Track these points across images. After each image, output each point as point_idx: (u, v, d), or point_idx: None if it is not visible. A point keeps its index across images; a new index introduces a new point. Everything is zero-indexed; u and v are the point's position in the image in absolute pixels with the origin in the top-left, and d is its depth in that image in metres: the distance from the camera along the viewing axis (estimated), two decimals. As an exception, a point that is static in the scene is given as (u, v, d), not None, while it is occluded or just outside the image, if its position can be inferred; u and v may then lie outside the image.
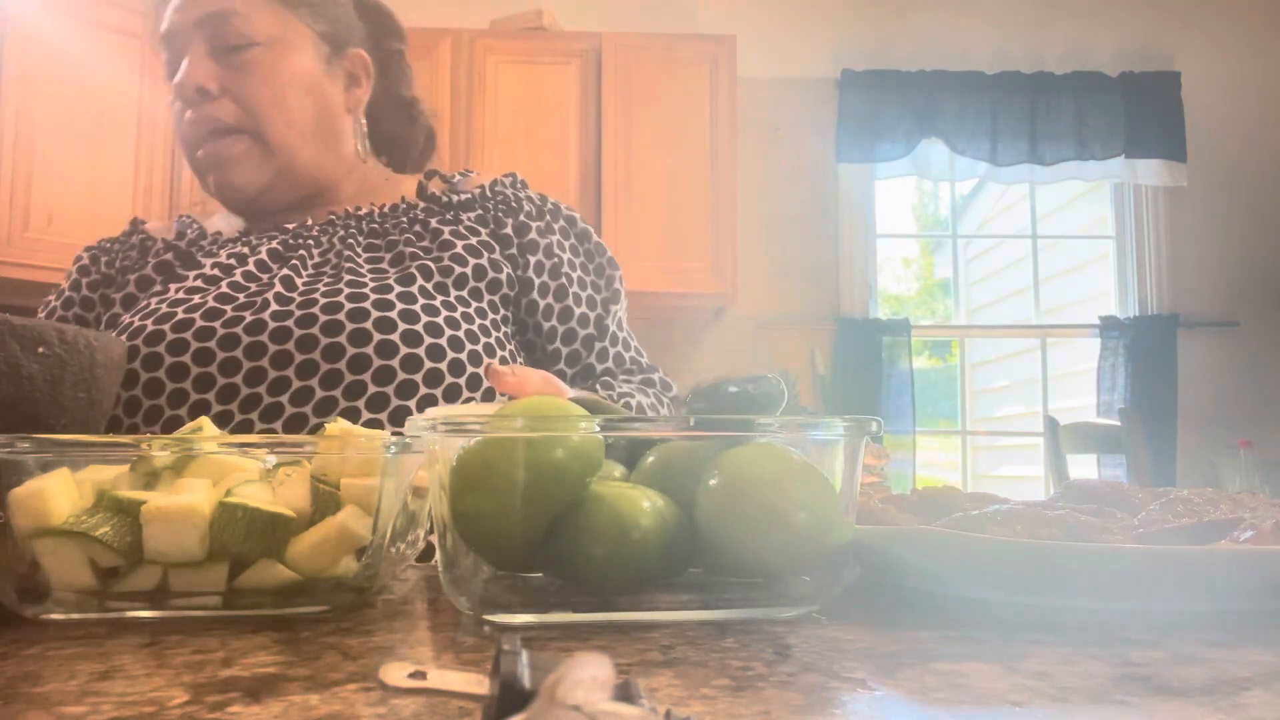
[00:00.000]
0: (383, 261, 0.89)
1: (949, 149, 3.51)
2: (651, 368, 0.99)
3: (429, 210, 0.95)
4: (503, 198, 0.97)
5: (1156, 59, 3.56)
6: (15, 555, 0.41)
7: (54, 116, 2.87)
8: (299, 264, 0.89)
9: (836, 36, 3.58)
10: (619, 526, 0.40)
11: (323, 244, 0.91)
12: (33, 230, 2.84)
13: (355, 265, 0.88)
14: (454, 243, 0.90)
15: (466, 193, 0.97)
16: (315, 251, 0.91)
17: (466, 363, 0.83)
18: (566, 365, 0.94)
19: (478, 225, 0.94)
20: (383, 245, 0.91)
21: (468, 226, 0.93)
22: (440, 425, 0.40)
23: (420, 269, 0.87)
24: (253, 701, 0.28)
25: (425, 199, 0.97)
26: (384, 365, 0.79)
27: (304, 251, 0.90)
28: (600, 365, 0.95)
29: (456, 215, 0.94)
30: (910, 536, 0.43)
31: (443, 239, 0.90)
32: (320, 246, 0.91)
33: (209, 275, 0.88)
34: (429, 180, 1.00)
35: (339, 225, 0.93)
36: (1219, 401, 3.46)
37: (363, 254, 0.90)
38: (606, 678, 0.20)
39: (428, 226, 0.92)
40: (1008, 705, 0.28)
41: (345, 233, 0.92)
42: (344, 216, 0.94)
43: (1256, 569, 0.39)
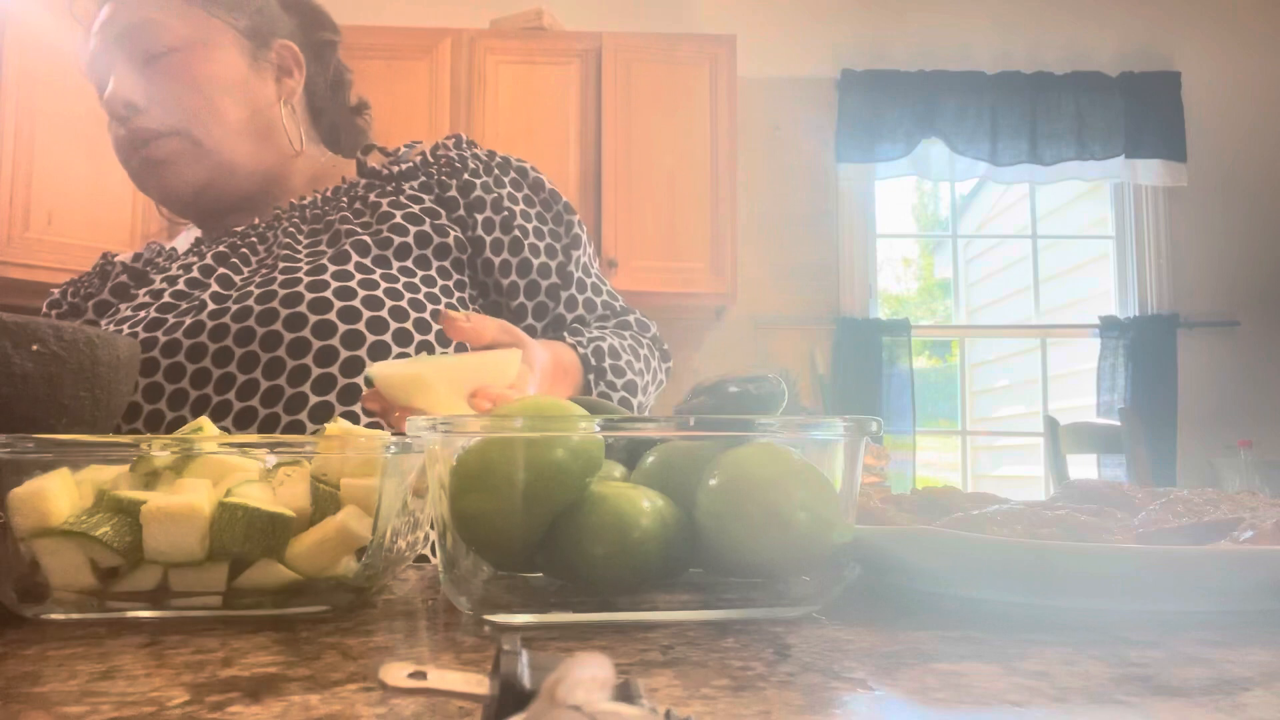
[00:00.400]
0: (320, 244, 0.88)
1: (949, 149, 3.52)
2: (627, 310, 0.98)
3: (369, 185, 0.94)
4: (445, 160, 0.95)
5: (1156, 59, 3.56)
6: (15, 555, 0.40)
7: (54, 116, 2.87)
8: (239, 262, 0.89)
9: (836, 36, 3.58)
10: (619, 526, 0.40)
11: (267, 239, 0.91)
12: (33, 230, 2.84)
13: (292, 254, 0.87)
14: (393, 214, 0.89)
15: (408, 162, 0.96)
16: (260, 248, 0.91)
17: (414, 331, 0.82)
18: (534, 319, 0.92)
19: (421, 193, 0.92)
20: (321, 229, 0.90)
21: (410, 195, 0.92)
22: (440, 425, 0.40)
23: (356, 245, 0.86)
24: (253, 701, 0.28)
25: (366, 175, 0.96)
26: (325, 346, 0.79)
27: (246, 250, 0.90)
28: (570, 314, 0.94)
29: (398, 186, 0.93)
30: (910, 536, 0.43)
31: (381, 211, 0.89)
32: (265, 242, 0.91)
33: (155, 289, 0.89)
34: (366, 154, 1.00)
35: (284, 219, 0.93)
36: (1219, 401, 3.46)
37: (303, 240, 0.89)
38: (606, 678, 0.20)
39: (367, 202, 0.91)
40: (1008, 705, 0.28)
41: (289, 224, 0.92)
42: (289, 210, 0.94)
43: (1256, 569, 0.39)
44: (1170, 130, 3.50)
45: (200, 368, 0.80)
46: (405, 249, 0.87)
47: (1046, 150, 3.50)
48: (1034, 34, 3.59)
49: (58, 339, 0.52)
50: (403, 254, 0.87)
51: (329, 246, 0.87)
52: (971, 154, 3.50)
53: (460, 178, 0.93)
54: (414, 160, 0.96)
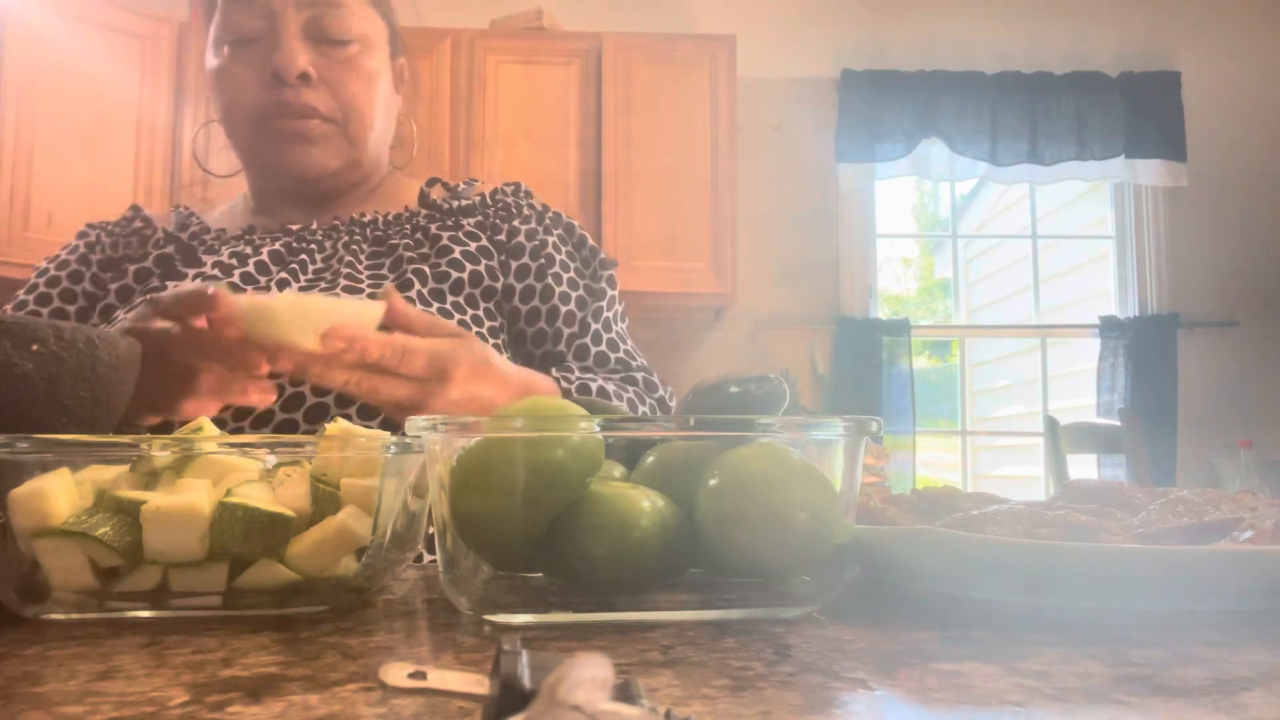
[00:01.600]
0: (383, 268, 0.90)
1: (949, 149, 3.51)
2: (642, 369, 0.98)
3: (430, 217, 0.96)
4: (503, 204, 0.98)
5: (1156, 59, 3.56)
6: (15, 555, 0.40)
7: (54, 116, 2.87)
8: (298, 268, 0.89)
9: (836, 36, 3.58)
10: (619, 526, 0.40)
11: (325, 249, 0.92)
12: (33, 230, 2.84)
13: (355, 273, 0.88)
14: (452, 248, 0.91)
15: (468, 199, 0.99)
16: (318, 257, 0.91)
17: None
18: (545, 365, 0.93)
19: (477, 231, 0.95)
20: (384, 251, 0.92)
21: (467, 232, 0.94)
22: (440, 425, 0.40)
23: (416, 274, 0.87)
24: (253, 701, 0.28)
25: (427, 205, 0.98)
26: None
27: (305, 256, 0.90)
28: (579, 363, 0.94)
29: (457, 221, 0.95)
30: (910, 536, 0.43)
31: (441, 244, 0.91)
32: (323, 252, 0.92)
33: (208, 275, 0.88)
34: (430, 187, 1.01)
35: (343, 231, 0.94)
36: (1219, 401, 3.46)
37: (365, 260, 0.91)
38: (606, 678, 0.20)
39: (428, 233, 0.93)
40: (1008, 705, 0.28)
41: (349, 239, 0.93)
42: (348, 223, 0.95)
43: (1256, 569, 0.39)
44: (1170, 130, 3.50)
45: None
46: (459, 285, 0.89)
47: (1046, 150, 3.50)
48: (1034, 34, 3.59)
49: (58, 339, 0.52)
50: (456, 289, 0.89)
51: (391, 271, 0.89)
52: (971, 154, 3.50)
53: (511, 223, 0.96)
54: (474, 199, 0.99)
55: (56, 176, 2.88)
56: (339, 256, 0.90)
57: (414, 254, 0.91)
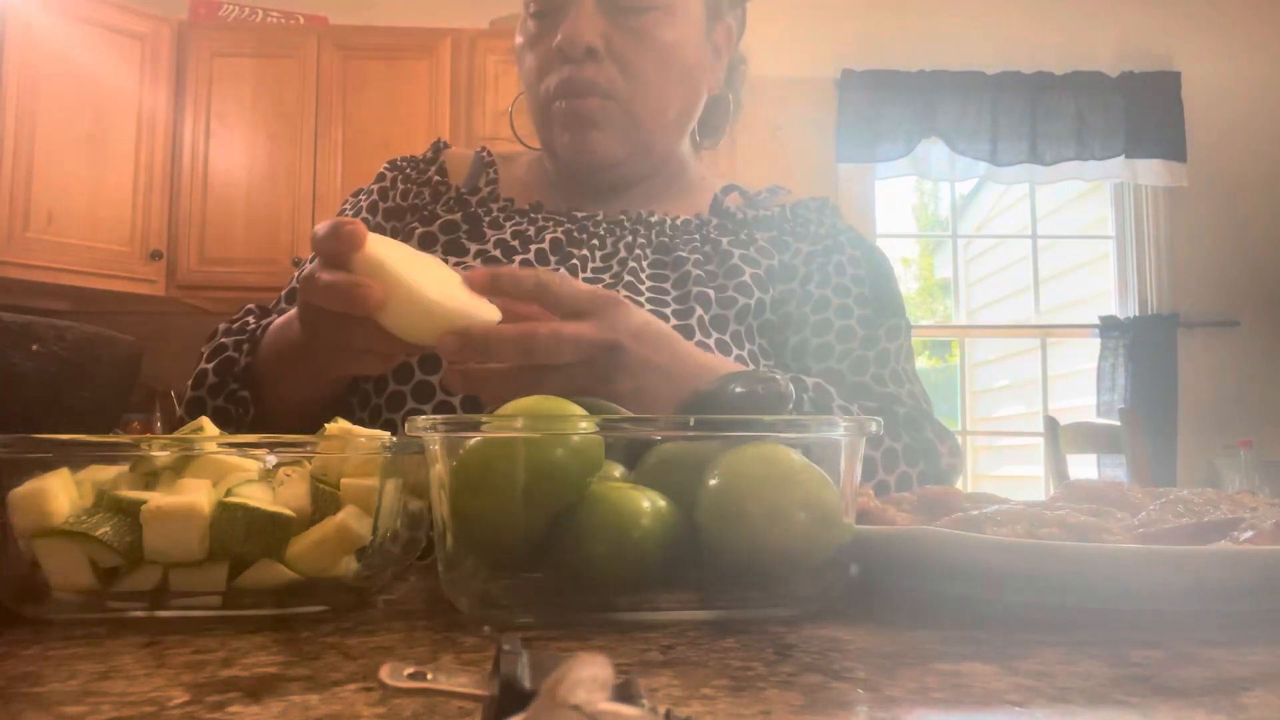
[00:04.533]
0: (667, 281, 0.81)
1: (949, 149, 3.51)
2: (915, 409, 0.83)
3: (720, 227, 0.87)
4: (803, 221, 0.89)
5: (1156, 59, 3.56)
6: (15, 555, 0.40)
7: (54, 116, 2.87)
8: (578, 264, 0.82)
9: (836, 36, 3.58)
10: (619, 526, 0.40)
11: (606, 246, 0.85)
12: (33, 230, 2.84)
13: (636, 281, 0.80)
14: (742, 270, 0.82)
15: (767, 210, 0.90)
16: (598, 254, 0.84)
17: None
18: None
19: (770, 248, 0.86)
20: (670, 263, 0.83)
21: (760, 249, 0.85)
22: (440, 425, 0.40)
23: (701, 298, 0.79)
24: (253, 701, 0.28)
25: (719, 214, 0.89)
26: None
27: (586, 250, 0.83)
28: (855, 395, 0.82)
29: (750, 235, 0.86)
30: (910, 536, 0.43)
31: (731, 264, 0.82)
32: (604, 249, 0.84)
33: (490, 256, 0.82)
34: (726, 195, 0.92)
35: (626, 229, 0.86)
36: (1219, 401, 3.46)
37: (647, 268, 0.83)
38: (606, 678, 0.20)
39: (718, 247, 0.84)
40: (1008, 705, 0.28)
41: (633, 239, 0.85)
42: (633, 220, 0.87)
43: (1256, 569, 0.39)
44: (1170, 130, 3.50)
45: None
46: (744, 312, 0.80)
47: (1046, 150, 3.50)
48: (1034, 34, 3.59)
49: (58, 339, 0.52)
50: (741, 317, 0.80)
51: (674, 288, 0.81)
52: (971, 154, 3.50)
53: (800, 243, 0.88)
54: (773, 210, 0.90)
55: (56, 176, 2.88)
56: (619, 257, 0.83)
57: (702, 272, 0.81)
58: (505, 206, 0.88)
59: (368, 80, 3.15)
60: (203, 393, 0.77)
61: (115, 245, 2.97)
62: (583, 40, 0.79)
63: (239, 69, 3.14)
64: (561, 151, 0.85)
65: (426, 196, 0.90)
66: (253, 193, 3.10)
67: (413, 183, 0.92)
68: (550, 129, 0.85)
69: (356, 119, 3.13)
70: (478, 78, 3.14)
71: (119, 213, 2.99)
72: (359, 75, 3.16)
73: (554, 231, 0.85)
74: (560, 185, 0.91)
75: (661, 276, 0.82)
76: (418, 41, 3.16)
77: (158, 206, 3.05)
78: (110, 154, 2.97)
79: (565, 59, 0.80)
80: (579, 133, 0.82)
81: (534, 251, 0.83)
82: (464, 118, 3.12)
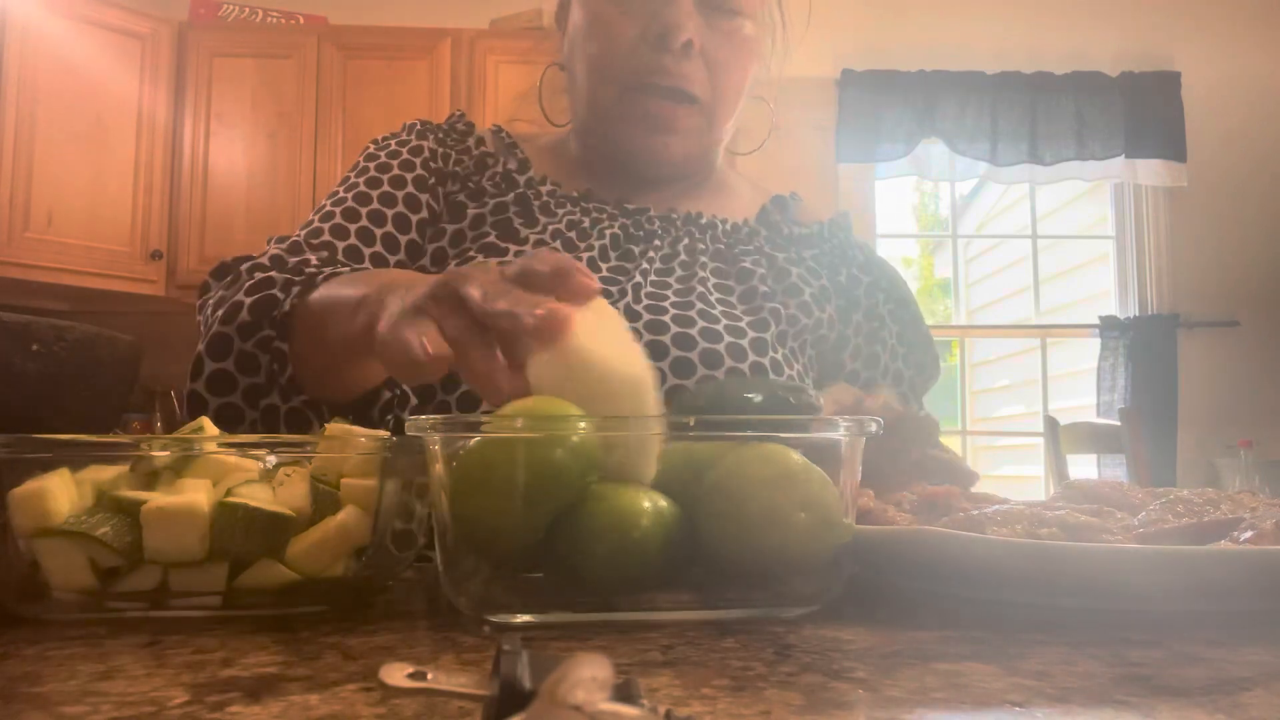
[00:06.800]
0: (732, 294, 0.81)
1: (949, 149, 3.51)
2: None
3: (771, 241, 0.87)
4: (838, 241, 0.90)
5: (1156, 59, 3.56)
6: (15, 555, 0.40)
7: (54, 116, 2.87)
8: (646, 265, 0.80)
9: (836, 36, 3.58)
10: (619, 526, 0.40)
11: (663, 247, 0.83)
12: (33, 230, 2.84)
13: (706, 290, 0.79)
14: (801, 289, 0.83)
15: (805, 227, 0.90)
16: (656, 255, 0.82)
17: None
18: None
19: (818, 268, 0.87)
20: (732, 273, 0.83)
21: (809, 268, 0.86)
22: (440, 425, 0.40)
23: (773, 313, 0.79)
24: (253, 701, 0.28)
25: (766, 226, 0.88)
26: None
27: (650, 250, 0.82)
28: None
29: (799, 253, 0.86)
30: (910, 536, 0.43)
31: (789, 282, 0.83)
32: (662, 250, 0.83)
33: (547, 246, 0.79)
34: (776, 209, 0.92)
35: (680, 228, 0.85)
36: (1219, 401, 3.45)
37: (711, 276, 0.82)
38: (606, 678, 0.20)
39: (774, 263, 0.84)
40: (1008, 705, 0.28)
41: (690, 241, 0.84)
42: (684, 219, 0.86)
43: (1256, 569, 0.39)
44: (1170, 130, 3.50)
45: None
46: (802, 331, 0.81)
47: (1046, 150, 3.50)
48: (1034, 34, 3.59)
49: (58, 339, 0.52)
50: (799, 335, 0.81)
51: (742, 302, 0.80)
52: (971, 154, 3.50)
53: (850, 269, 0.88)
54: (811, 227, 0.90)
55: (56, 176, 2.88)
56: (681, 260, 0.82)
57: (767, 288, 0.81)
58: (554, 191, 0.84)
59: (368, 80, 3.15)
60: (230, 330, 0.67)
61: (115, 245, 2.97)
62: (685, 33, 0.77)
63: (239, 69, 3.14)
64: (627, 145, 0.82)
65: (470, 165, 0.85)
66: (253, 193, 3.10)
67: (451, 148, 0.86)
68: (620, 120, 0.81)
69: (356, 119, 3.13)
70: (478, 78, 3.13)
71: (119, 213, 2.99)
72: (359, 75, 3.16)
73: (611, 226, 0.82)
74: (598, 171, 0.87)
75: (727, 288, 0.81)
76: (418, 41, 3.16)
77: (158, 206, 3.05)
78: (110, 154, 2.97)
79: (662, 48, 0.78)
80: (656, 136, 0.81)
81: (597, 248, 0.80)
82: (464, 118, 3.12)
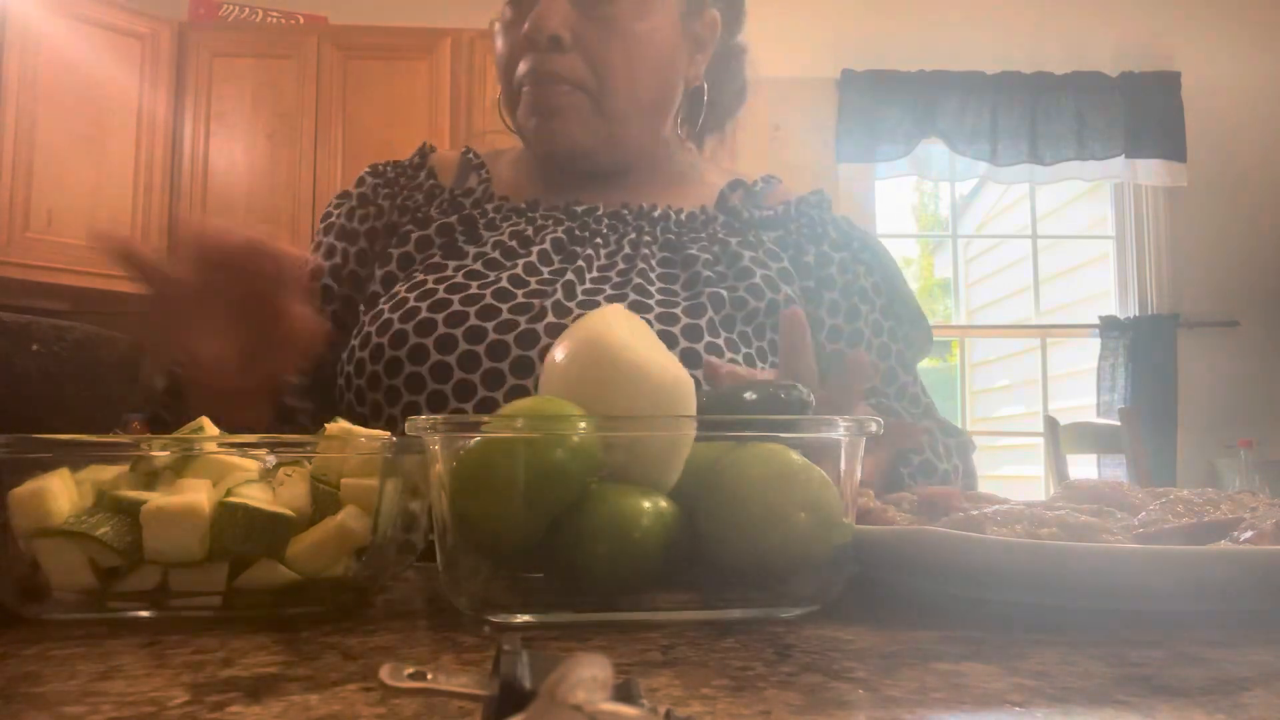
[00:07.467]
0: (677, 282, 0.81)
1: (949, 149, 3.52)
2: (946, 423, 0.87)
3: (727, 226, 0.86)
4: (808, 220, 0.89)
5: (1156, 59, 3.56)
6: (15, 555, 0.40)
7: (54, 116, 2.87)
8: (584, 265, 0.81)
9: (836, 36, 3.58)
10: (619, 526, 0.40)
11: (610, 242, 0.84)
12: (33, 230, 2.84)
13: (645, 282, 0.79)
14: (753, 271, 0.81)
15: (769, 209, 0.89)
16: (602, 252, 0.83)
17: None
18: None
19: (778, 249, 0.86)
20: (678, 261, 0.83)
21: (768, 250, 0.85)
22: (440, 425, 0.40)
23: (713, 299, 0.79)
24: (253, 701, 0.28)
25: (725, 211, 0.88)
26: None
27: (590, 249, 0.82)
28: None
29: (758, 236, 0.86)
30: (910, 536, 0.43)
31: (741, 265, 0.82)
32: (608, 246, 0.83)
33: (489, 258, 0.81)
34: (732, 192, 0.91)
35: (629, 225, 0.85)
36: (1219, 401, 3.46)
37: (656, 267, 0.82)
38: (606, 678, 0.20)
39: (726, 248, 0.84)
40: (1008, 705, 0.28)
41: (637, 235, 0.84)
42: (636, 213, 0.86)
43: (1256, 569, 0.39)
44: (1170, 130, 3.50)
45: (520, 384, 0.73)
46: (753, 314, 0.80)
47: (1046, 150, 3.50)
48: (1034, 34, 3.59)
49: (58, 339, 0.52)
50: (750, 318, 0.80)
51: (685, 289, 0.80)
52: (971, 154, 3.50)
53: (820, 246, 0.87)
54: (775, 209, 0.89)
55: (56, 176, 2.88)
56: (626, 254, 0.82)
57: (712, 273, 0.81)
58: (500, 206, 0.87)
59: (368, 80, 3.15)
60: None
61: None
62: (549, 29, 0.79)
63: (239, 69, 3.14)
64: (529, 138, 0.85)
65: (420, 199, 0.89)
66: (253, 193, 3.10)
67: (401, 188, 0.90)
68: (518, 115, 0.84)
69: (356, 119, 3.13)
70: (478, 78, 3.14)
71: (119, 213, 2.99)
72: (359, 75, 3.16)
73: (554, 231, 0.83)
74: (551, 178, 0.89)
75: (671, 276, 0.81)
76: (418, 41, 3.16)
77: (158, 206, 3.05)
78: (110, 154, 2.98)
79: (532, 46, 0.80)
80: (544, 121, 0.82)
81: (535, 253, 0.81)
82: (464, 118, 3.12)
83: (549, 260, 0.81)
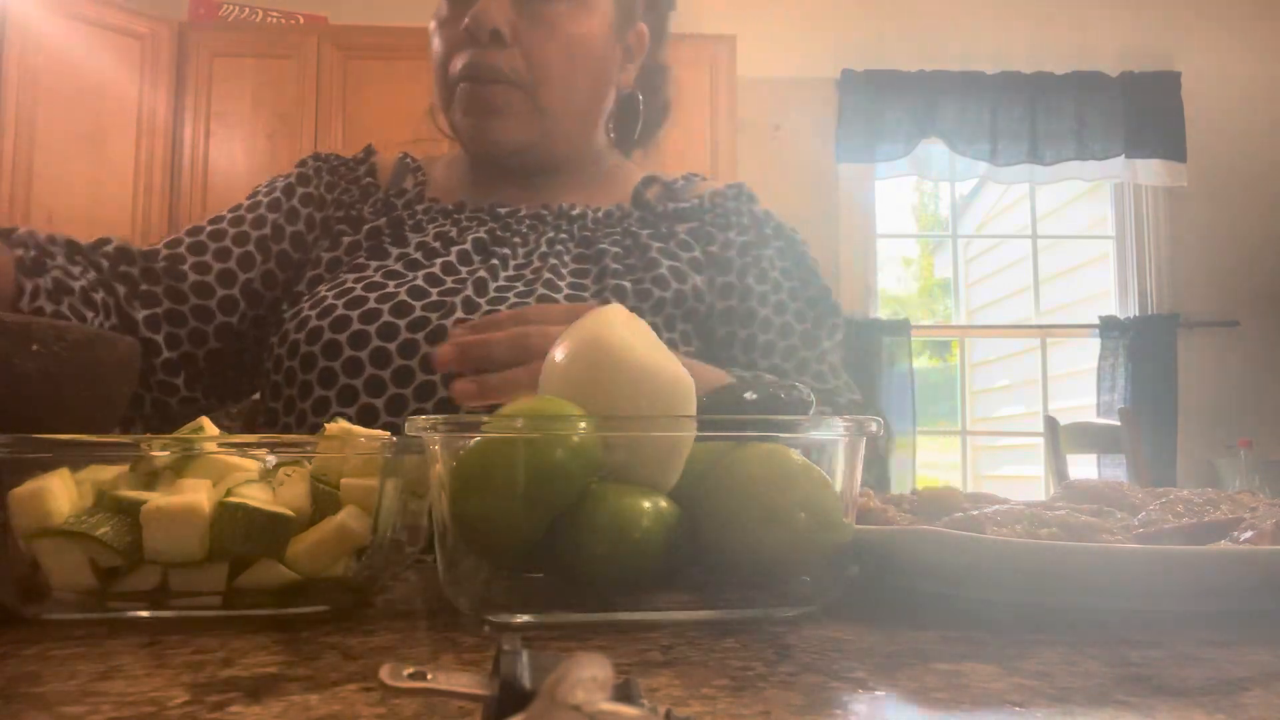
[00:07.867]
0: (587, 276, 0.83)
1: (949, 149, 3.52)
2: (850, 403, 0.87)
3: (641, 220, 0.88)
4: (722, 210, 0.90)
5: (1156, 59, 3.56)
6: (15, 555, 0.40)
7: (54, 116, 2.87)
8: (499, 264, 0.82)
9: (836, 36, 3.58)
10: (619, 526, 0.40)
11: (529, 242, 0.85)
12: (33, 230, 2.84)
13: (556, 279, 0.81)
14: (659, 262, 0.83)
15: (685, 202, 0.91)
16: (520, 250, 0.84)
17: None
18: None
19: (690, 240, 0.87)
20: (591, 256, 0.84)
21: (680, 242, 0.86)
22: (440, 425, 0.40)
23: (617, 290, 0.80)
24: (253, 701, 0.28)
25: (640, 207, 0.90)
26: None
27: (508, 249, 0.84)
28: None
29: (670, 228, 0.88)
30: (910, 536, 0.43)
31: (649, 257, 0.84)
32: (526, 245, 0.85)
33: (410, 259, 0.83)
34: (647, 188, 0.93)
35: (548, 225, 0.87)
36: (1219, 401, 3.46)
37: (570, 264, 0.84)
38: (606, 678, 0.20)
39: (637, 240, 0.85)
40: (1008, 705, 0.28)
41: (555, 234, 0.86)
42: (555, 215, 0.87)
43: (1256, 569, 0.39)
44: (1170, 130, 3.50)
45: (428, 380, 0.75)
46: (660, 305, 0.81)
47: (1046, 150, 3.50)
48: (1034, 34, 3.59)
49: (58, 339, 0.52)
50: (657, 309, 0.81)
51: (595, 283, 0.82)
52: (971, 154, 3.50)
53: (726, 233, 0.88)
54: (691, 201, 0.91)
55: (56, 176, 2.88)
56: (540, 252, 0.84)
57: (620, 265, 0.83)
58: (429, 208, 0.89)
59: (368, 80, 3.15)
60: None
61: (115, 245, 2.97)
62: (490, 23, 0.80)
63: (239, 69, 3.14)
64: (464, 135, 0.86)
65: (355, 195, 0.91)
66: (253, 193, 3.10)
67: (340, 178, 0.93)
68: (454, 112, 0.85)
69: (356, 119, 3.13)
70: (478, 78, 3.13)
71: (119, 213, 2.99)
72: (359, 75, 3.16)
73: (476, 231, 0.85)
74: (480, 180, 0.91)
75: (584, 272, 0.83)
76: (418, 41, 3.14)
77: (158, 206, 3.05)
78: (110, 154, 2.98)
79: (472, 41, 0.81)
80: (480, 118, 0.83)
81: (455, 253, 0.83)
82: (464, 118, 3.12)
83: (469, 260, 0.83)
